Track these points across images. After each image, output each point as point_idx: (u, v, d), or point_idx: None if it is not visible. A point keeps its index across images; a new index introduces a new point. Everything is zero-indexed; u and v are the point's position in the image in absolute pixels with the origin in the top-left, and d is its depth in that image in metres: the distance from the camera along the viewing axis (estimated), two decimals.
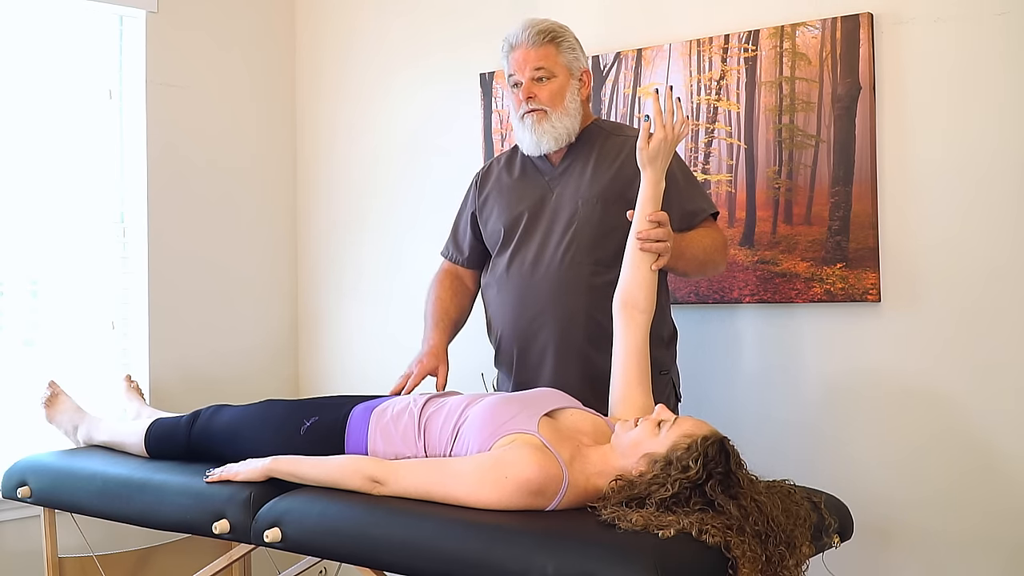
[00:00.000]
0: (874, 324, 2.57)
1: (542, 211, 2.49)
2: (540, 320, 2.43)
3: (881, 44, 2.55)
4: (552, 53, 2.44)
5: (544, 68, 2.43)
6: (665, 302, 2.46)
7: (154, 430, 2.50)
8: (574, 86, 2.45)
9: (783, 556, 1.76)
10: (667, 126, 2.17)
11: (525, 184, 2.54)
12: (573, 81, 2.45)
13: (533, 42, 2.44)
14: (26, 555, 2.87)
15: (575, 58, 2.46)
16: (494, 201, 2.59)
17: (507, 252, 2.52)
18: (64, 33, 3.12)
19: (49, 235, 3.09)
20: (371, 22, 3.49)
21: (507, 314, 2.50)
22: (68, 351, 3.11)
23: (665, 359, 2.46)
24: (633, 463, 1.90)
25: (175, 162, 3.30)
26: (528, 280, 2.46)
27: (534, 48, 2.44)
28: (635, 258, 2.22)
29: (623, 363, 2.18)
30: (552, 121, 2.44)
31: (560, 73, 2.44)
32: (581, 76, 2.47)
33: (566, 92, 2.44)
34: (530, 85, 2.44)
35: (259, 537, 2.05)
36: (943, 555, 2.50)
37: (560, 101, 2.44)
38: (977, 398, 2.45)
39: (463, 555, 1.78)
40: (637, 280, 2.21)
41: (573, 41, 2.48)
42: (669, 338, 2.50)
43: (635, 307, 2.20)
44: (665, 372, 2.44)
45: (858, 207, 2.56)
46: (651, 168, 2.19)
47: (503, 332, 2.52)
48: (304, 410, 2.31)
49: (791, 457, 2.65)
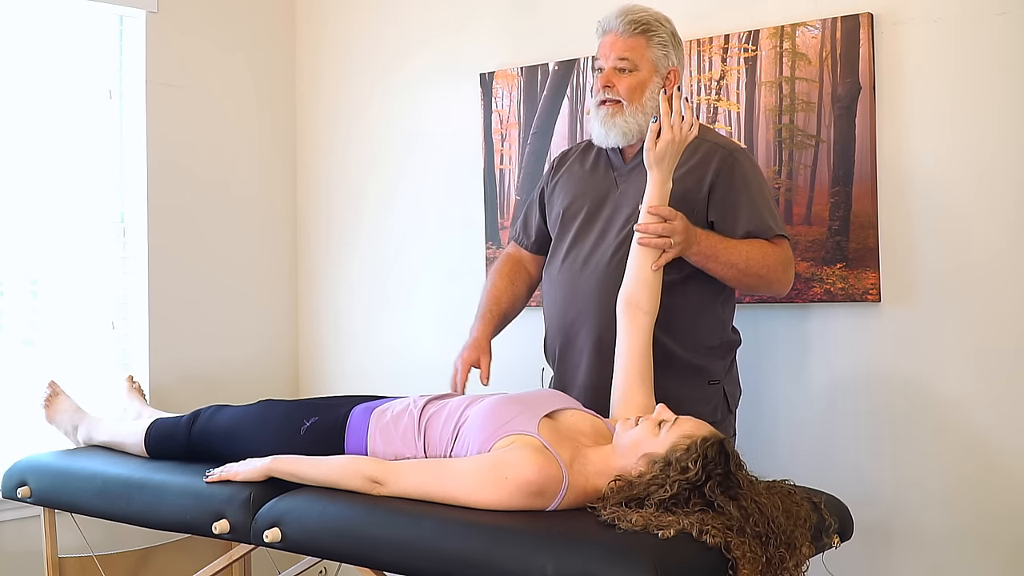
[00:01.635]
0: (874, 324, 2.57)
1: (603, 206, 2.41)
2: (582, 319, 2.36)
3: (881, 44, 2.55)
4: (641, 45, 2.33)
5: (628, 59, 2.33)
6: (720, 310, 2.37)
7: (154, 430, 2.50)
8: (657, 83, 2.34)
9: (783, 557, 1.76)
10: (675, 127, 2.14)
11: (594, 176, 2.46)
12: (657, 78, 2.34)
13: (624, 30, 2.34)
14: (26, 555, 2.87)
15: (665, 55, 2.35)
16: (562, 188, 2.51)
17: (564, 244, 2.45)
18: (64, 33, 3.12)
19: (49, 235, 3.09)
20: (371, 22, 3.49)
21: (554, 309, 2.45)
22: (68, 351, 3.11)
23: (713, 368, 2.36)
24: (633, 463, 1.89)
25: (175, 162, 3.30)
26: (577, 277, 2.39)
27: (623, 37, 2.34)
28: (637, 256, 2.20)
29: (624, 363, 2.17)
30: (625, 116, 2.34)
31: (644, 67, 2.34)
32: (668, 75, 2.36)
33: (647, 88, 2.34)
34: (610, 74, 2.34)
35: (259, 537, 2.05)
36: (943, 555, 2.50)
37: (639, 96, 2.34)
38: (977, 398, 2.45)
39: (463, 555, 1.78)
40: (639, 280, 2.19)
41: (668, 37, 2.36)
42: (721, 347, 2.39)
43: (637, 307, 2.19)
44: (716, 382, 2.36)
45: (858, 207, 2.56)
46: (657, 169, 2.17)
47: (549, 326, 2.47)
48: (304, 410, 2.31)
49: (791, 457, 2.65)
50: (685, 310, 2.31)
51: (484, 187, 3.17)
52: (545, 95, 3.05)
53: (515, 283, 2.59)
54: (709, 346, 2.36)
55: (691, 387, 2.32)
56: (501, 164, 3.14)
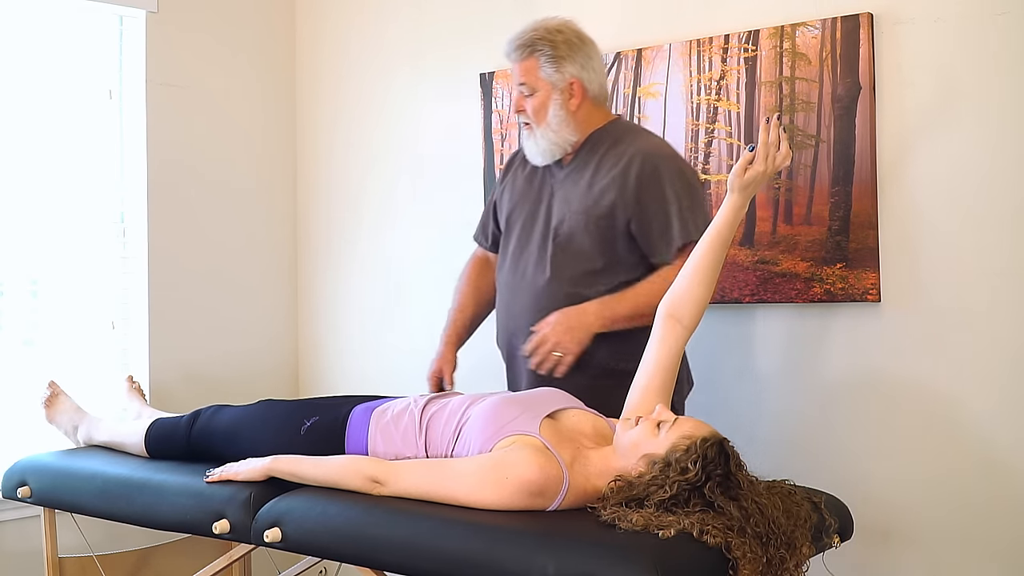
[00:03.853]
0: (874, 324, 2.57)
1: (538, 214, 2.44)
2: (521, 335, 2.37)
3: (881, 44, 2.55)
4: (533, 67, 2.35)
5: (526, 84, 2.37)
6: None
7: (154, 430, 2.50)
8: (557, 100, 2.34)
9: (784, 557, 1.76)
10: (768, 159, 2.06)
11: (532, 182, 2.49)
12: (555, 94, 2.34)
13: (515, 56, 2.38)
14: (26, 555, 2.87)
15: (556, 69, 2.33)
16: (507, 193, 2.54)
17: (507, 251, 2.50)
18: (64, 33, 3.12)
19: (49, 235, 3.09)
20: (371, 22, 3.49)
21: (500, 313, 2.51)
22: (68, 351, 3.11)
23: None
24: (633, 464, 1.89)
25: (175, 162, 3.30)
26: (517, 287, 2.43)
27: (516, 62, 2.38)
28: (700, 272, 2.12)
29: (650, 372, 2.12)
30: (536, 137, 2.38)
31: (541, 87, 2.35)
32: (566, 87, 2.34)
33: (548, 107, 2.34)
34: (518, 99, 2.39)
35: (259, 537, 2.05)
36: (943, 555, 2.50)
37: (543, 116, 2.35)
38: (977, 398, 2.45)
39: (463, 555, 1.79)
40: (692, 296, 2.12)
41: (563, 49, 2.34)
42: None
43: (679, 321, 2.13)
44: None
45: (858, 207, 2.56)
46: (739, 195, 2.08)
47: (496, 333, 2.53)
48: (304, 410, 2.32)
49: (791, 457, 2.65)
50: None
51: (484, 187, 3.17)
52: None
53: (480, 288, 2.64)
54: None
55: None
56: (501, 164, 3.14)
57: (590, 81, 2.38)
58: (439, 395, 2.24)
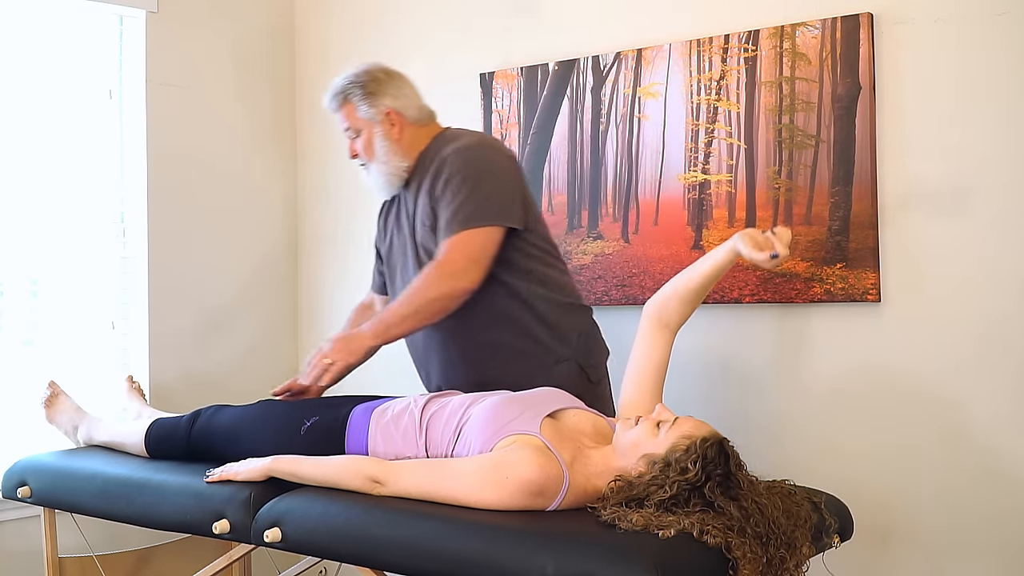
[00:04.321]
0: (874, 324, 2.57)
1: (406, 241, 2.55)
2: (432, 359, 2.53)
3: (881, 44, 2.55)
4: (349, 111, 2.50)
5: (350, 128, 2.52)
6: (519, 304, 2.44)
7: (154, 430, 2.50)
8: (379, 132, 2.48)
9: (784, 557, 1.76)
10: (769, 263, 2.03)
11: (397, 215, 2.61)
12: (377, 128, 2.48)
13: (333, 107, 2.53)
14: (26, 555, 2.87)
15: (370, 105, 2.48)
16: (382, 234, 2.70)
17: (395, 286, 2.62)
18: (64, 33, 3.12)
19: (49, 235, 3.09)
20: (371, 22, 3.49)
21: (407, 345, 2.61)
22: (68, 351, 3.11)
23: (556, 347, 2.43)
24: (632, 464, 1.90)
25: (175, 162, 3.30)
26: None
27: (335, 112, 2.53)
28: (690, 294, 2.15)
29: (643, 375, 2.15)
30: (372, 173, 2.52)
31: (362, 126, 2.50)
32: (384, 119, 2.48)
33: (373, 142, 2.49)
34: (349, 144, 2.54)
35: (259, 537, 2.05)
36: (943, 555, 2.50)
37: (371, 152, 2.50)
38: (977, 398, 2.45)
39: (463, 555, 1.78)
40: (680, 310, 2.16)
41: (372, 87, 2.49)
42: (557, 326, 2.45)
43: (666, 326, 2.17)
44: (564, 360, 2.43)
45: (858, 207, 2.56)
46: (733, 253, 2.09)
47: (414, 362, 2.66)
48: (304, 410, 2.31)
49: (791, 457, 2.65)
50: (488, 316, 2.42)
51: None
52: (545, 95, 3.05)
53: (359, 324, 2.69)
54: (546, 320, 2.44)
55: (542, 369, 2.40)
56: None
57: (406, 108, 2.52)
58: (439, 395, 2.24)
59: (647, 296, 2.83)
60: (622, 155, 2.91)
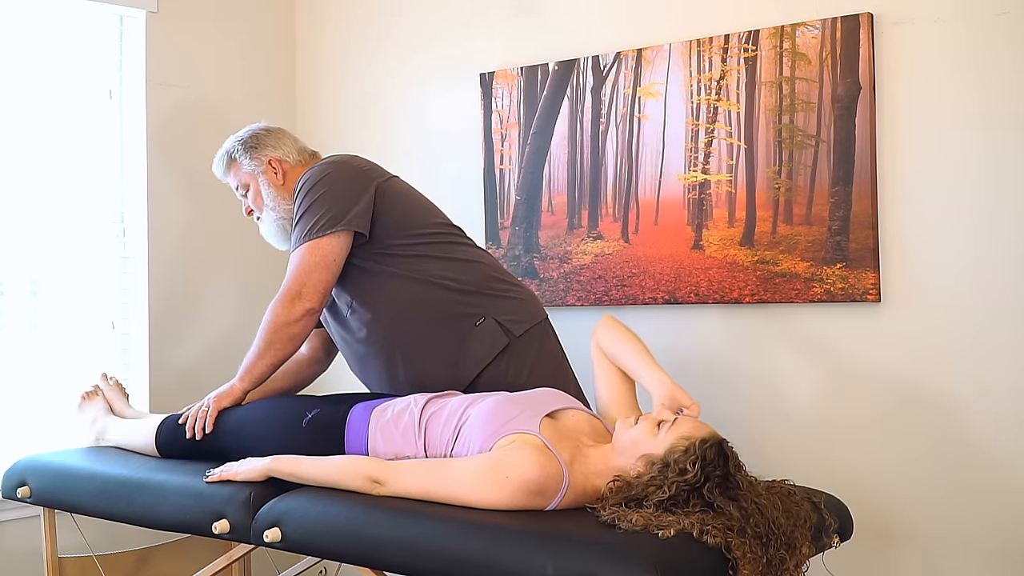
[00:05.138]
0: (874, 324, 2.57)
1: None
2: (364, 375, 2.60)
3: (881, 44, 2.55)
4: (234, 170, 2.64)
5: (239, 185, 2.65)
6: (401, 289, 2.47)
7: (164, 429, 2.50)
8: (264, 181, 2.60)
9: (784, 558, 1.76)
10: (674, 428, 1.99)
11: None
12: (261, 178, 2.61)
13: (221, 173, 2.67)
14: (26, 555, 2.87)
15: (251, 158, 2.61)
16: None
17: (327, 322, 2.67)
18: (64, 33, 3.12)
19: (49, 235, 3.09)
20: (371, 22, 3.49)
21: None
22: (68, 351, 3.11)
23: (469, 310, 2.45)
24: (631, 463, 1.90)
25: (175, 162, 3.30)
26: (341, 343, 2.62)
27: (223, 177, 2.68)
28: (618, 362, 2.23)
29: (617, 387, 2.23)
30: (265, 222, 2.63)
31: (249, 181, 2.63)
32: (267, 168, 2.60)
33: (260, 190, 2.61)
34: (243, 202, 2.66)
35: (259, 537, 2.05)
36: (943, 555, 2.50)
37: (260, 201, 2.62)
38: (977, 398, 2.45)
39: (463, 555, 1.79)
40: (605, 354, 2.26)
41: (252, 141, 2.62)
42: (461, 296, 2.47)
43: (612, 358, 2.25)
44: (481, 320, 2.45)
45: (858, 207, 2.56)
46: (649, 386, 2.14)
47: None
48: (307, 403, 2.34)
49: (791, 457, 2.65)
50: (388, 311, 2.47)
51: (484, 187, 3.17)
52: (545, 95, 3.05)
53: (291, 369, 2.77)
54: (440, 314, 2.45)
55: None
56: (501, 164, 3.14)
57: (286, 155, 2.64)
58: (439, 395, 2.25)
59: (647, 296, 2.84)
60: (622, 155, 2.91)
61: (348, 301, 2.51)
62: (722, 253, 2.75)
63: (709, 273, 2.76)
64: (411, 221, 2.51)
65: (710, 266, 2.76)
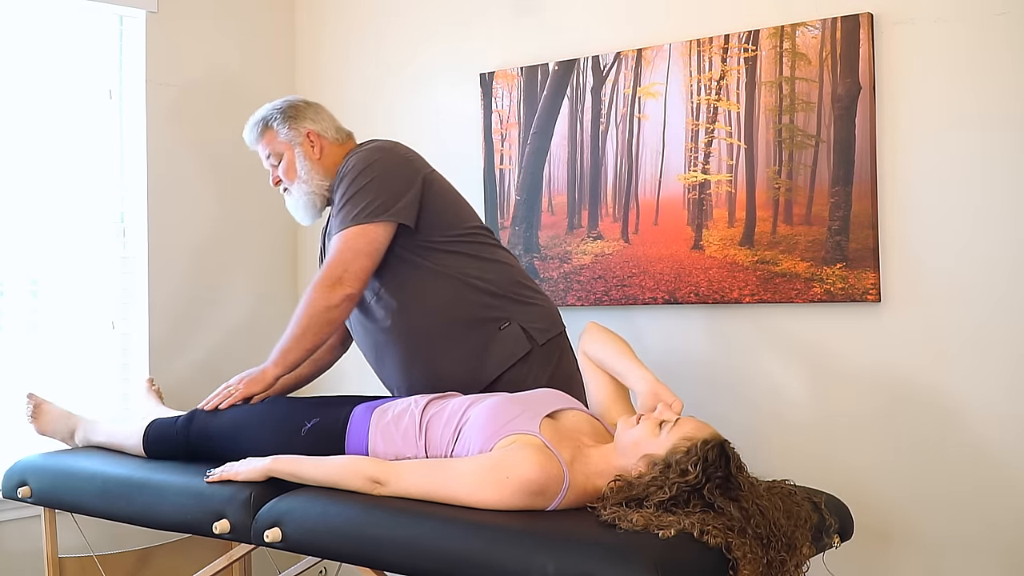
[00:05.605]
0: (874, 324, 2.57)
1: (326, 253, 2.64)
2: (383, 370, 2.60)
3: (881, 44, 2.55)
4: (271, 138, 2.58)
5: (271, 154, 2.59)
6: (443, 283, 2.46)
7: (152, 431, 2.49)
8: (300, 153, 2.56)
9: (784, 558, 1.76)
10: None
11: (323, 230, 2.70)
12: (298, 149, 2.56)
13: (253, 139, 2.62)
14: (26, 555, 2.87)
15: (290, 127, 2.56)
16: (320, 249, 2.77)
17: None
18: (64, 33, 3.12)
19: (49, 235, 3.09)
20: (371, 22, 3.49)
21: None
22: (68, 351, 3.11)
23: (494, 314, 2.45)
24: (633, 463, 1.90)
25: (175, 162, 3.30)
26: (358, 330, 2.61)
27: (255, 143, 2.62)
28: (604, 365, 2.23)
29: (609, 388, 2.22)
30: (294, 195, 2.58)
31: (283, 150, 2.57)
32: (304, 140, 2.56)
33: (295, 162, 2.56)
34: (272, 173, 2.61)
35: (259, 537, 2.05)
36: (943, 555, 2.50)
37: (293, 174, 2.57)
38: (977, 398, 2.45)
39: (464, 555, 1.79)
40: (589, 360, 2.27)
41: (291, 111, 2.57)
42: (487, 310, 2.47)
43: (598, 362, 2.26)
44: (506, 324, 2.45)
45: (858, 207, 2.56)
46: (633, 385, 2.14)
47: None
48: (305, 411, 2.31)
49: (791, 457, 2.65)
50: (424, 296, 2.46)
51: (484, 187, 3.17)
52: (545, 95, 3.05)
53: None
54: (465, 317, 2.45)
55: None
56: (501, 164, 3.14)
57: (325, 130, 2.60)
58: (439, 396, 2.25)
59: (647, 296, 2.84)
60: (622, 155, 2.91)
61: (376, 288, 2.48)
62: (722, 253, 2.75)
63: (709, 273, 2.77)
64: (453, 218, 2.52)
65: (710, 266, 2.77)
